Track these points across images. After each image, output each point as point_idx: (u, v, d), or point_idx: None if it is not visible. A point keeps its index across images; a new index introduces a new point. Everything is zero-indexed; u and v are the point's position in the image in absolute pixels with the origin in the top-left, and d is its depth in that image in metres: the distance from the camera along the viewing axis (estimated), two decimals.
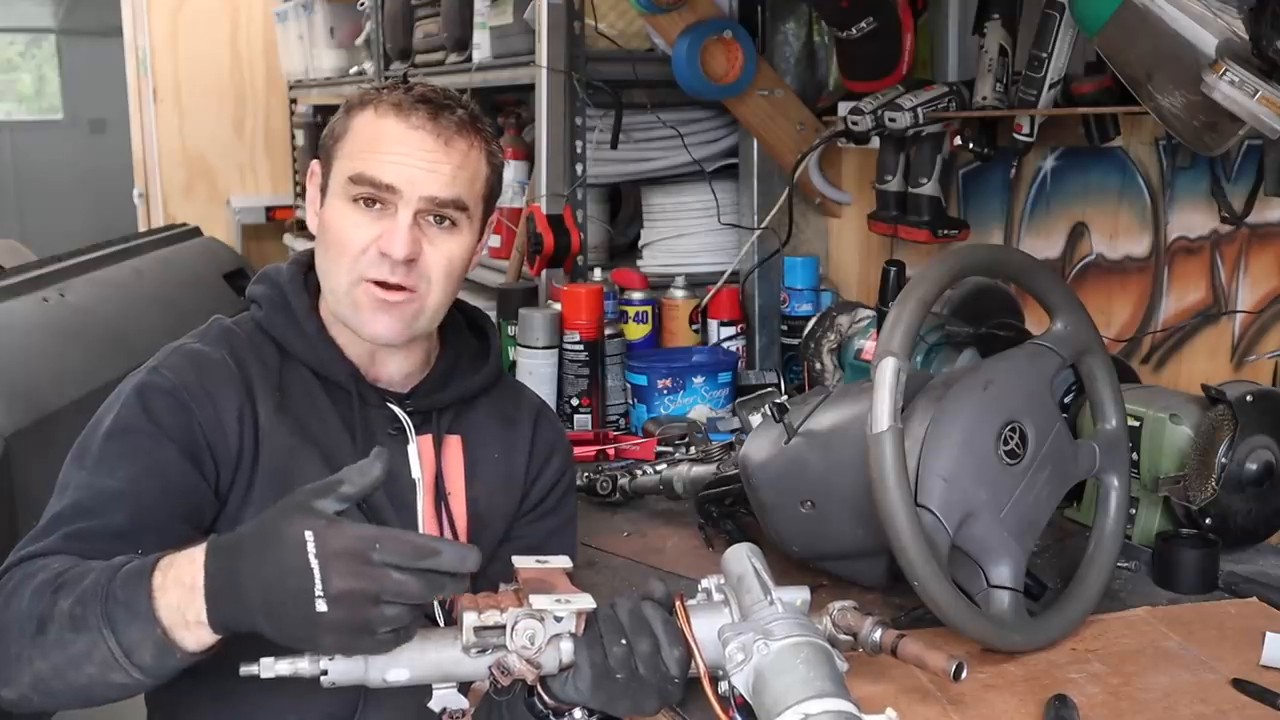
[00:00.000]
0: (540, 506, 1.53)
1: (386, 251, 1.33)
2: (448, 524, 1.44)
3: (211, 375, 1.35)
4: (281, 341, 1.41)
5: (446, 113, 1.35)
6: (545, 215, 2.46)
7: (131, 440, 1.30)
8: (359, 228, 1.35)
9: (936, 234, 2.25)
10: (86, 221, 6.85)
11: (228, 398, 1.35)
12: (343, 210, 1.36)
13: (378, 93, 1.37)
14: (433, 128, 1.34)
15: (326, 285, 1.40)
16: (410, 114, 1.34)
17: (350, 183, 1.34)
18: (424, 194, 1.33)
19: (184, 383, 1.34)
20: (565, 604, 1.12)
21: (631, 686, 1.13)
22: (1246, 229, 1.89)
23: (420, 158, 1.33)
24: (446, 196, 1.35)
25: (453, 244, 1.37)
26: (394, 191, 1.33)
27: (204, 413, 1.33)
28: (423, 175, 1.33)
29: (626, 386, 2.40)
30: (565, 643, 1.13)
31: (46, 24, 8.77)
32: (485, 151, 1.39)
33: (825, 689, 1.05)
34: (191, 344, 1.39)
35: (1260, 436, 1.63)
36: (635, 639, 1.13)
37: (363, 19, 4.05)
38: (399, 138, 1.33)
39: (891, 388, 1.29)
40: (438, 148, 1.34)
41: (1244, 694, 1.28)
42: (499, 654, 1.12)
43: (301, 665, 1.10)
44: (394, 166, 1.33)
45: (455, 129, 1.35)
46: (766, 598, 1.15)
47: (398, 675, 1.11)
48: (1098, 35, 1.69)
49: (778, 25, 2.67)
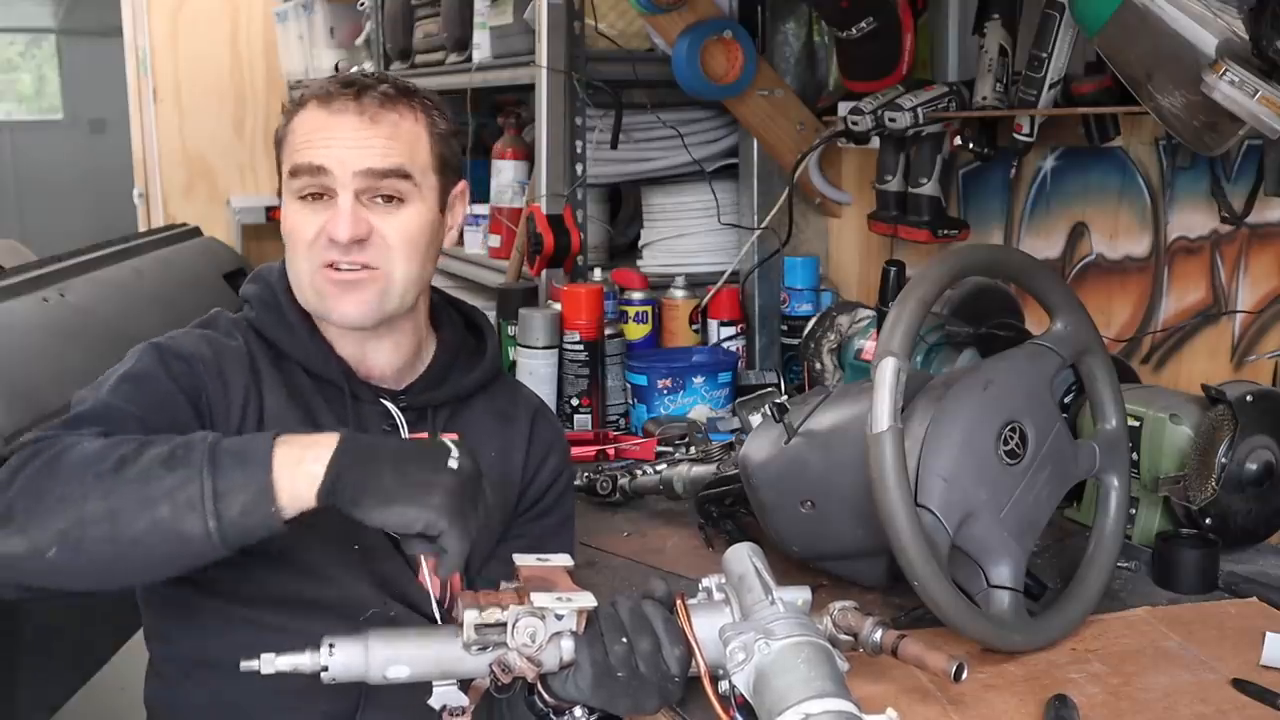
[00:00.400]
0: (537, 505, 1.53)
1: (332, 235, 1.35)
2: None
3: (223, 354, 1.38)
4: (273, 340, 1.42)
5: (369, 91, 1.37)
6: (545, 215, 2.46)
7: (146, 384, 1.32)
8: (307, 220, 1.37)
9: (936, 234, 2.25)
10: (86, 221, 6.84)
11: (237, 381, 1.37)
12: (293, 207, 1.39)
13: (312, 94, 1.40)
14: (355, 106, 1.36)
15: (294, 284, 1.42)
16: (333, 100, 1.37)
17: (291, 178, 1.38)
18: (355, 169, 1.35)
19: (199, 354, 1.37)
20: (566, 602, 1.12)
21: (632, 685, 1.13)
22: (1246, 229, 1.89)
23: (347, 137, 1.35)
24: (382, 167, 1.36)
25: (404, 216, 1.38)
26: (326, 173, 1.35)
27: (213, 385, 1.35)
28: (352, 153, 1.35)
29: (626, 386, 2.40)
30: (566, 641, 1.13)
31: (46, 24, 8.77)
32: (424, 120, 1.40)
33: (826, 689, 1.05)
34: (206, 330, 1.42)
35: (1260, 436, 1.63)
36: (636, 637, 1.13)
37: (363, 19, 4.05)
38: (324, 123, 1.36)
39: (891, 388, 1.29)
40: (363, 125, 1.36)
41: (1244, 694, 1.28)
42: (500, 651, 1.12)
43: (302, 661, 1.10)
44: (324, 150, 1.35)
45: (380, 103, 1.37)
46: (768, 597, 1.15)
47: (398, 672, 1.11)
48: (1098, 35, 1.69)
49: (778, 25, 2.67)
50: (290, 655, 1.10)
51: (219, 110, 5.42)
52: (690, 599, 1.19)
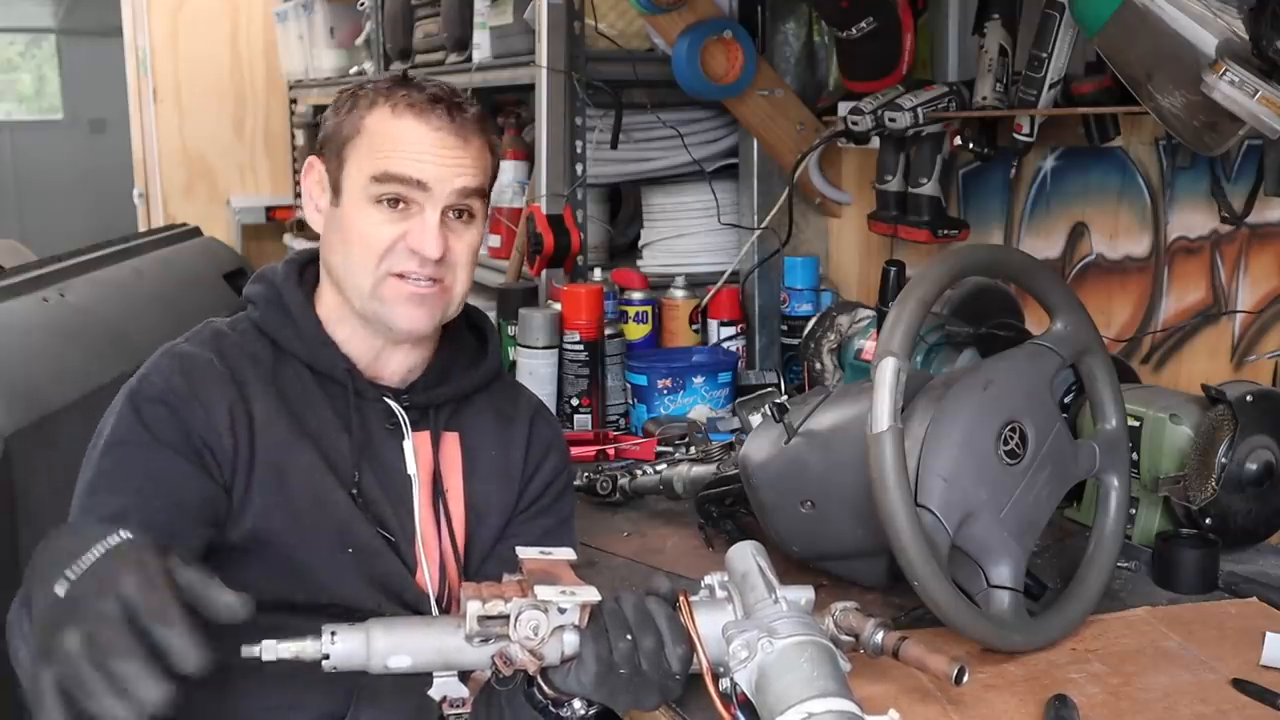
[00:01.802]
0: (536, 504, 1.53)
1: (419, 250, 1.37)
2: (444, 520, 1.45)
3: (198, 377, 1.36)
4: (277, 339, 1.43)
5: (460, 111, 1.40)
6: (545, 215, 2.46)
7: (129, 452, 1.31)
8: (383, 225, 1.38)
9: (936, 234, 2.25)
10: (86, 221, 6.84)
11: (217, 397, 1.35)
12: (365, 210, 1.38)
13: (388, 92, 1.39)
14: (452, 127, 1.38)
15: (349, 283, 1.41)
16: (430, 114, 1.38)
17: (374, 182, 1.37)
18: (452, 188, 1.38)
19: (171, 387, 1.34)
20: (570, 596, 1.12)
21: (634, 681, 1.13)
22: (1246, 229, 1.89)
23: (446, 155, 1.38)
24: (473, 186, 1.40)
25: (473, 234, 1.43)
26: (424, 188, 1.37)
27: (194, 415, 1.34)
28: (449, 171, 1.38)
29: (626, 386, 2.40)
30: (568, 634, 1.13)
31: (46, 24, 8.77)
32: (489, 144, 1.44)
33: (828, 688, 1.05)
34: (179, 345, 1.41)
35: (1260, 436, 1.63)
36: (640, 634, 1.13)
37: (363, 19, 4.05)
38: (422, 137, 1.37)
39: (891, 388, 1.29)
40: (458, 145, 1.39)
41: (1244, 694, 1.28)
42: (502, 644, 1.12)
43: (304, 648, 1.10)
44: (420, 164, 1.37)
45: (474, 127, 1.40)
46: (771, 596, 1.15)
47: (399, 662, 1.11)
48: (1098, 35, 1.69)
49: (778, 25, 2.67)
50: (292, 642, 1.10)
51: (219, 110, 5.42)
52: (693, 596, 1.19)
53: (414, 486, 1.43)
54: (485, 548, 1.48)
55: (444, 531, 1.44)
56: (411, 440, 1.44)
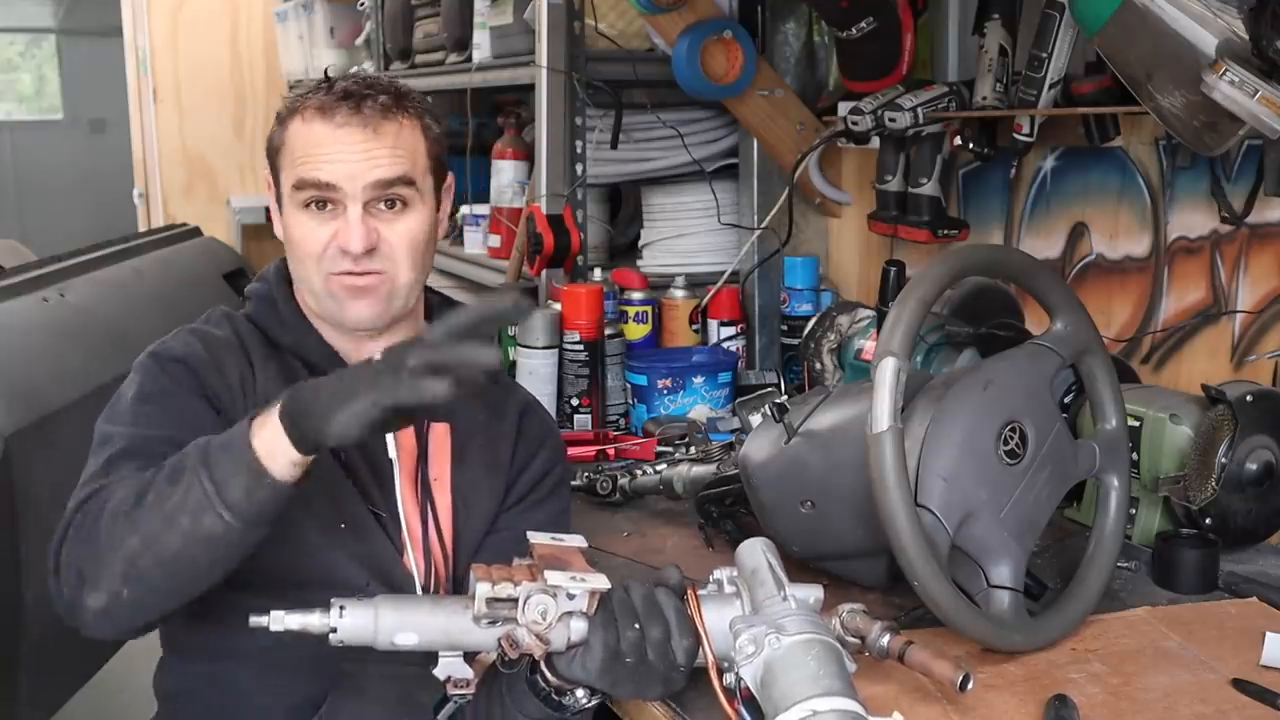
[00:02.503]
0: (528, 498, 1.54)
1: (344, 247, 1.39)
2: (430, 507, 1.45)
3: (214, 347, 1.43)
4: (268, 331, 1.47)
5: (368, 101, 1.39)
6: (545, 215, 2.46)
7: (161, 400, 1.37)
8: (315, 231, 1.41)
9: (936, 234, 2.25)
10: (86, 221, 6.84)
11: (231, 367, 1.42)
12: (298, 217, 1.42)
13: (305, 98, 1.42)
14: (359, 119, 1.38)
15: (304, 289, 1.47)
16: (334, 112, 1.38)
17: (295, 190, 1.40)
18: (365, 183, 1.38)
19: (192, 352, 1.41)
20: (580, 582, 1.12)
21: (639, 671, 1.14)
22: (1246, 229, 1.89)
23: (353, 151, 1.38)
24: (389, 177, 1.39)
25: (409, 221, 1.42)
26: (336, 189, 1.38)
27: (213, 378, 1.40)
28: (360, 167, 1.38)
29: (626, 386, 2.40)
30: (576, 621, 1.13)
31: (46, 24, 8.77)
32: (419, 124, 1.44)
33: (834, 687, 1.05)
34: (193, 325, 1.47)
35: (1260, 436, 1.63)
36: (648, 624, 1.14)
37: (363, 19, 4.05)
38: (328, 137, 1.38)
39: (891, 388, 1.29)
40: (367, 137, 1.38)
41: (1244, 694, 1.28)
42: (509, 627, 1.12)
43: (311, 620, 1.12)
44: (330, 166, 1.38)
45: (381, 114, 1.39)
46: (780, 593, 1.15)
47: (405, 639, 1.12)
48: (1098, 35, 1.69)
49: (778, 25, 2.67)
50: (300, 614, 1.12)
51: (219, 110, 5.42)
52: (701, 590, 1.19)
53: (394, 472, 1.44)
54: (475, 537, 1.49)
55: (430, 519, 1.45)
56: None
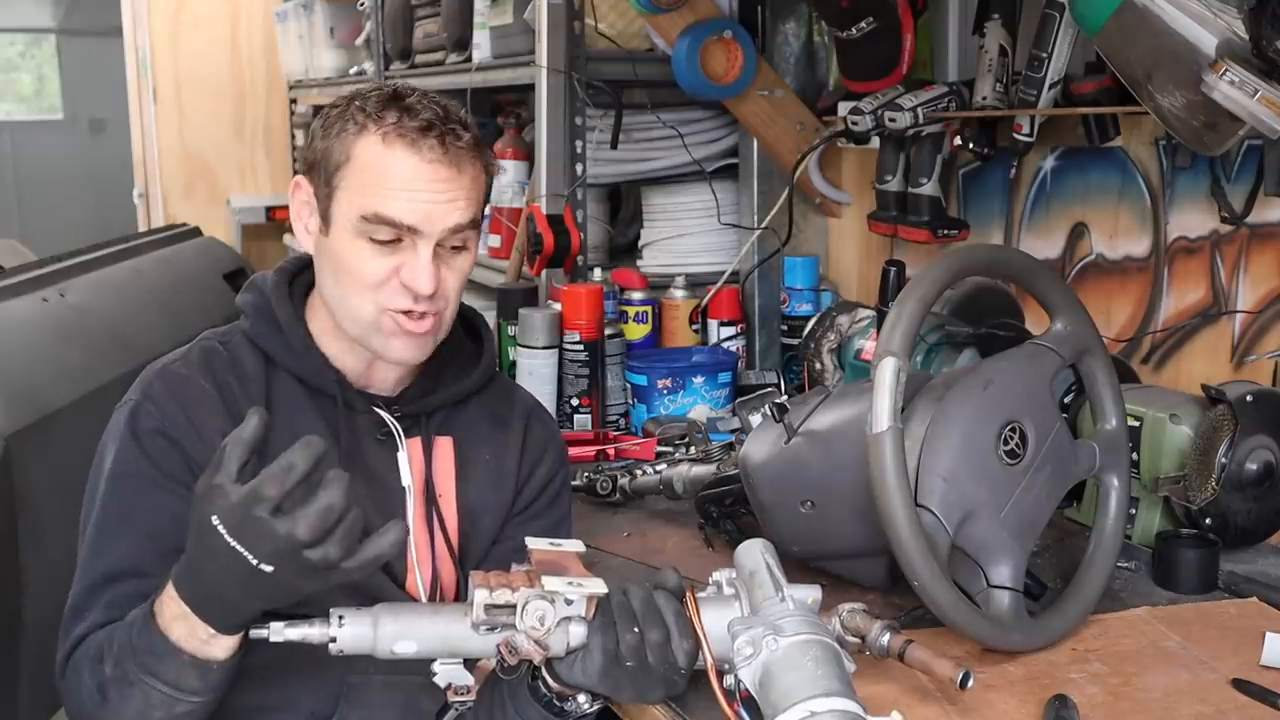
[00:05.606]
0: (532, 506, 1.53)
1: (411, 286, 1.32)
2: (438, 526, 1.44)
3: (192, 404, 1.36)
4: (267, 350, 1.41)
5: (453, 138, 1.31)
6: (545, 215, 2.46)
7: (135, 487, 1.34)
8: (374, 260, 1.32)
9: (936, 234, 2.25)
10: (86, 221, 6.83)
11: (210, 423, 1.35)
12: (355, 244, 1.33)
13: (378, 116, 1.31)
14: (446, 158, 1.31)
15: (343, 312, 1.37)
16: (420, 145, 1.30)
17: (364, 221, 1.31)
18: (444, 227, 1.32)
19: (168, 416, 1.35)
20: (578, 587, 1.13)
21: (639, 674, 1.14)
22: (1246, 229, 1.89)
23: (437, 192, 1.30)
24: (465, 222, 1.34)
25: (465, 261, 1.38)
26: (416, 232, 1.31)
27: (192, 445, 1.34)
28: (441, 210, 1.31)
29: (626, 386, 2.40)
30: (575, 626, 1.13)
31: (46, 24, 8.76)
32: (483, 165, 1.38)
33: (833, 688, 1.05)
34: (172, 366, 1.40)
35: (1260, 436, 1.63)
36: (647, 627, 1.14)
37: (363, 19, 4.05)
38: (413, 173, 1.30)
39: (891, 388, 1.29)
40: (451, 177, 1.31)
41: (1244, 694, 1.28)
42: (508, 633, 1.12)
43: (311, 631, 1.12)
44: (412, 205, 1.30)
45: (468, 155, 1.33)
46: (778, 594, 1.15)
47: (405, 647, 1.12)
48: (1098, 35, 1.69)
49: (778, 25, 2.67)
50: (300, 625, 1.12)
51: (219, 110, 5.42)
52: (700, 592, 1.19)
53: (409, 497, 1.41)
54: (480, 551, 1.47)
55: (437, 537, 1.43)
56: (406, 451, 1.42)
